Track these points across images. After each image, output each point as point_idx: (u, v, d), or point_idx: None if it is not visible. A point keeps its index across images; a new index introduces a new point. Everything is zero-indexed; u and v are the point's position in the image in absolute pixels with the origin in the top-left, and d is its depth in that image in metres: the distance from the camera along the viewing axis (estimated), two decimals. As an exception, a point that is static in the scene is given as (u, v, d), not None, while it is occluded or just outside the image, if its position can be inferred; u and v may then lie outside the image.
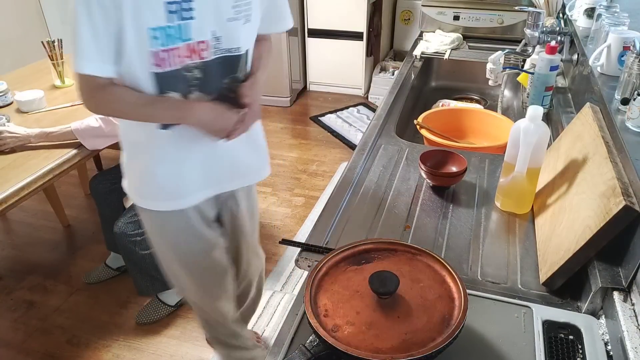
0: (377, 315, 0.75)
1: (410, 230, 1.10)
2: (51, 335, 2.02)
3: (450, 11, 2.37)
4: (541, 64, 1.51)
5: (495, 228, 1.10)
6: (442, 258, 0.83)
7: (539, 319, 0.83)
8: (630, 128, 1.03)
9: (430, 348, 0.69)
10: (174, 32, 0.97)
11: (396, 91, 1.86)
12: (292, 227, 2.59)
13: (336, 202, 1.19)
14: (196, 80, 1.05)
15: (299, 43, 3.85)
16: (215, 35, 1.02)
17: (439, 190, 1.23)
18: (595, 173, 0.94)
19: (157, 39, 0.96)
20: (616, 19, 1.42)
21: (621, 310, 0.78)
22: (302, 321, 0.84)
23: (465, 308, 0.74)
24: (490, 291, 0.91)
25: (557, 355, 0.78)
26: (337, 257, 0.85)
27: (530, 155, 1.03)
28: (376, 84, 3.92)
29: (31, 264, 2.39)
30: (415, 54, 2.21)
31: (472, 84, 2.16)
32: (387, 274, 0.77)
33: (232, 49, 1.06)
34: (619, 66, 1.27)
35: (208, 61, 1.04)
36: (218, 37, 1.03)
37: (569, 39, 1.79)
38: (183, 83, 1.04)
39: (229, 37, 1.04)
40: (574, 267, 0.88)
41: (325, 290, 0.79)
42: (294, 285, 2.22)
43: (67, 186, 2.94)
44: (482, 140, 1.63)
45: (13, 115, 1.99)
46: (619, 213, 0.80)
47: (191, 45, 1.00)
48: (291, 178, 3.02)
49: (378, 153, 1.42)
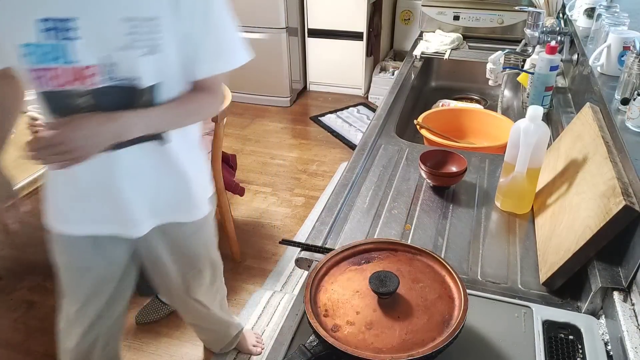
0: (377, 315, 0.75)
1: (410, 230, 1.10)
2: (51, 335, 2.00)
3: (450, 11, 2.37)
4: (541, 64, 1.51)
5: (495, 228, 1.10)
6: (442, 258, 0.83)
7: (539, 319, 0.83)
8: (630, 128, 1.03)
9: (430, 348, 0.69)
10: (50, 50, 0.86)
11: (396, 91, 1.86)
12: (292, 227, 2.59)
13: (336, 202, 1.20)
14: (90, 107, 0.92)
15: (299, 43, 3.85)
16: (108, 61, 0.89)
17: (439, 190, 1.23)
18: (595, 173, 0.94)
19: (29, 56, 0.87)
20: (616, 19, 1.42)
21: (621, 310, 0.78)
22: (302, 321, 0.84)
23: (465, 308, 0.74)
24: (490, 291, 0.91)
25: (557, 355, 0.78)
26: (337, 257, 0.85)
27: (530, 155, 1.03)
28: (376, 84, 3.92)
29: (31, 264, 2.39)
30: (415, 54, 2.21)
31: (472, 84, 2.17)
32: (387, 274, 0.77)
33: (129, 78, 0.91)
34: (619, 66, 1.27)
35: (100, 88, 0.91)
36: (112, 64, 0.89)
37: (569, 39, 1.79)
38: (71, 109, 0.92)
39: (125, 66, 0.90)
40: (574, 267, 0.88)
41: (325, 290, 0.80)
42: (294, 285, 2.22)
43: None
44: (482, 140, 1.63)
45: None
46: (619, 213, 0.80)
47: (76, 69, 0.88)
48: (291, 178, 3.02)
49: (378, 153, 1.42)
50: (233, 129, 3.55)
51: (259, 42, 3.60)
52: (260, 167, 3.12)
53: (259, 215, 2.68)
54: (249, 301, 2.12)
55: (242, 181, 2.90)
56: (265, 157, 3.24)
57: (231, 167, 2.31)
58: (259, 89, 3.87)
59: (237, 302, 2.12)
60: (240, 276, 2.26)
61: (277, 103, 3.91)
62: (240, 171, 2.97)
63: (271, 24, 3.54)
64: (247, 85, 3.82)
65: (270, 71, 3.74)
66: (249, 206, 2.74)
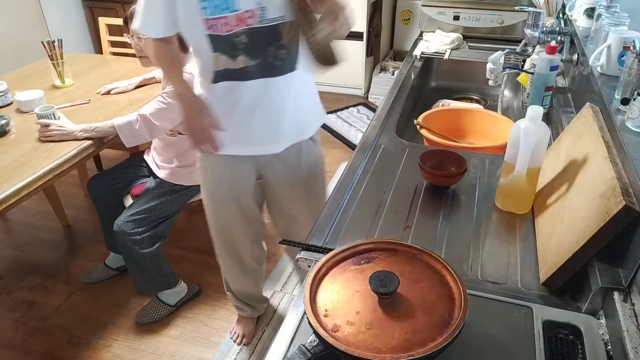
0: (377, 315, 0.75)
1: (410, 230, 1.10)
2: (51, 335, 2.02)
3: (450, 11, 2.37)
4: (541, 64, 1.51)
5: (495, 228, 1.10)
6: (442, 258, 0.83)
7: (539, 319, 0.83)
8: (630, 128, 1.03)
9: (430, 348, 0.69)
10: (221, 2, 1.12)
11: (396, 91, 1.86)
12: (292, 227, 2.59)
13: (336, 202, 1.20)
14: (243, 45, 1.19)
15: (299, 43, 3.84)
16: (260, 5, 1.14)
17: (439, 190, 1.23)
18: (595, 173, 0.94)
19: (206, 9, 1.13)
20: (616, 19, 1.42)
21: (621, 310, 0.78)
22: (302, 321, 0.84)
23: (465, 308, 0.74)
24: (490, 291, 0.91)
25: (557, 355, 0.78)
26: (337, 257, 0.85)
27: (530, 155, 1.03)
28: (376, 84, 3.92)
29: (31, 264, 2.39)
30: (415, 54, 2.21)
31: (472, 84, 2.16)
32: (387, 274, 0.77)
33: (276, 17, 1.16)
34: (619, 66, 1.27)
35: (253, 28, 1.16)
36: (263, 7, 1.14)
37: (569, 39, 1.79)
38: (231, 46, 1.19)
39: (274, 7, 1.15)
40: (574, 267, 0.88)
41: (325, 290, 0.80)
42: (294, 285, 2.22)
43: (67, 186, 2.94)
44: (482, 140, 1.63)
45: (13, 115, 1.99)
46: (619, 213, 0.80)
47: (239, 15, 1.14)
48: (291, 178, 3.02)
49: (378, 153, 1.42)
50: (233, 129, 3.54)
51: (259, 42, 3.59)
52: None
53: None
54: (249, 301, 2.11)
55: (242, 181, 2.89)
56: (265, 157, 3.24)
57: (231, 167, 2.31)
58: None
59: (237, 302, 2.12)
60: (240, 276, 2.26)
61: (277, 103, 3.91)
62: (240, 171, 2.96)
63: (271, 24, 3.53)
64: (247, 85, 3.81)
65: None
66: (249, 206, 2.74)
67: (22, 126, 1.92)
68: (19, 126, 1.92)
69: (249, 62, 1.22)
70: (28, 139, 1.82)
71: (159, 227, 1.95)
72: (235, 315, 2.00)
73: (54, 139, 1.80)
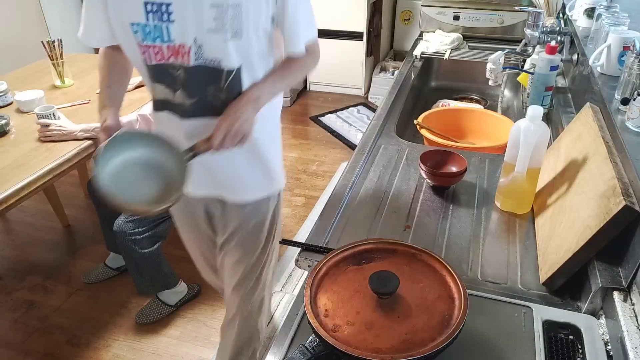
0: (377, 315, 0.75)
1: (410, 230, 1.10)
2: (51, 335, 2.02)
3: (450, 11, 2.37)
4: (541, 64, 1.51)
5: (495, 228, 1.10)
6: (442, 258, 0.83)
7: (539, 319, 0.83)
8: (630, 128, 1.03)
9: (430, 348, 0.69)
10: (152, 30, 1.01)
11: (396, 91, 1.86)
12: (292, 227, 2.59)
13: (336, 202, 1.19)
14: (181, 80, 1.07)
15: (299, 43, 3.84)
16: (197, 43, 1.02)
17: (439, 190, 1.23)
18: (595, 173, 0.94)
19: (137, 34, 1.03)
20: (616, 19, 1.42)
21: (621, 310, 0.78)
22: (302, 321, 0.84)
23: (465, 308, 0.74)
24: (490, 291, 0.91)
25: (557, 355, 0.78)
26: (337, 257, 0.85)
27: (530, 155, 1.03)
28: (376, 84, 3.92)
29: (31, 264, 2.39)
30: (415, 54, 2.21)
31: (472, 84, 2.16)
32: (387, 274, 0.77)
33: (213, 60, 1.04)
34: (619, 66, 1.27)
35: (189, 66, 1.04)
36: (200, 45, 1.02)
37: (569, 39, 1.79)
38: (169, 77, 1.08)
39: (210, 48, 1.03)
40: (574, 267, 0.88)
41: (325, 290, 0.79)
42: (294, 285, 2.22)
43: (67, 186, 2.94)
44: (482, 140, 1.63)
45: (13, 115, 1.99)
46: (619, 213, 0.80)
47: (172, 47, 1.03)
48: (291, 178, 3.02)
49: (378, 153, 1.42)
50: (233, 129, 3.54)
51: (259, 42, 3.59)
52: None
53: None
54: (249, 301, 2.12)
55: (242, 181, 2.90)
56: (265, 157, 3.24)
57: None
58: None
59: (237, 302, 2.12)
60: (240, 276, 2.26)
61: (277, 103, 3.91)
62: (240, 171, 2.97)
63: (271, 24, 3.54)
64: (247, 85, 3.82)
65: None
66: (249, 206, 2.74)
67: (22, 126, 1.92)
68: (19, 126, 1.92)
69: (186, 100, 1.10)
70: (28, 139, 1.82)
71: (159, 227, 1.95)
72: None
73: (54, 139, 1.80)
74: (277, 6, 1.05)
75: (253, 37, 1.05)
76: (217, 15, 0.99)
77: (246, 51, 1.06)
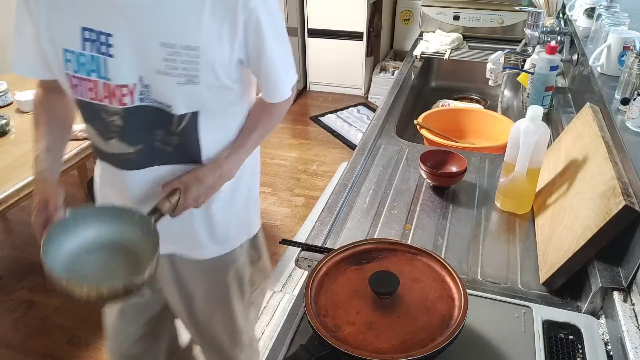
0: (377, 315, 0.75)
1: (410, 230, 1.10)
2: (51, 335, 2.02)
3: (450, 11, 2.37)
4: (541, 64, 1.51)
5: (495, 228, 1.10)
6: (442, 258, 0.83)
7: (539, 319, 0.83)
8: (630, 128, 1.03)
9: (430, 348, 0.69)
10: (87, 62, 0.85)
11: (396, 91, 1.86)
12: (292, 227, 2.59)
13: (336, 202, 1.19)
14: (116, 128, 0.90)
15: (299, 43, 3.85)
16: (143, 82, 0.86)
17: (439, 190, 1.23)
18: (595, 173, 0.94)
19: (70, 62, 0.86)
20: (616, 19, 1.42)
21: (621, 310, 0.78)
22: (302, 321, 0.84)
23: (465, 308, 0.74)
24: (490, 291, 0.91)
25: (557, 355, 0.78)
26: (337, 257, 0.85)
27: (530, 155, 1.03)
28: (376, 84, 3.92)
29: (31, 264, 2.39)
30: (415, 54, 2.21)
31: (472, 84, 2.16)
32: (387, 274, 0.77)
33: (162, 103, 0.88)
34: (619, 66, 1.27)
35: (131, 108, 0.88)
36: (147, 85, 0.86)
37: (569, 39, 1.79)
38: (102, 125, 0.91)
39: (159, 91, 0.87)
40: (574, 267, 0.88)
41: (325, 290, 0.79)
42: (294, 285, 2.22)
43: (67, 186, 2.92)
44: (482, 140, 1.63)
45: (13, 115, 1.99)
46: (619, 213, 0.80)
47: (110, 87, 0.86)
48: (291, 178, 3.02)
49: (378, 153, 1.42)
50: (233, 129, 3.55)
51: (259, 42, 3.60)
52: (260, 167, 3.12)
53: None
54: (249, 301, 2.11)
55: (242, 181, 2.90)
56: (265, 157, 3.24)
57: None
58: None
59: (237, 302, 2.12)
60: (240, 276, 2.26)
61: (277, 103, 3.91)
62: (240, 171, 2.97)
63: (271, 24, 3.54)
64: (247, 85, 3.82)
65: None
66: (249, 206, 2.74)
67: (22, 126, 1.92)
68: (19, 126, 1.92)
69: (125, 149, 0.92)
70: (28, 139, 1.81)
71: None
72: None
73: None
74: (248, 51, 0.89)
75: (213, 84, 0.89)
76: (168, 57, 0.83)
77: (204, 99, 0.90)
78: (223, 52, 0.87)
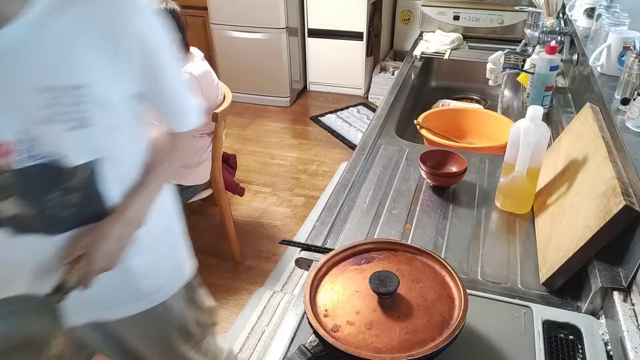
0: (377, 315, 0.75)
1: (410, 230, 1.10)
2: (51, 335, 2.01)
3: (450, 11, 2.37)
4: (541, 64, 1.51)
5: (495, 228, 1.10)
6: (442, 258, 0.83)
7: (539, 319, 0.83)
8: (630, 128, 1.03)
9: (430, 348, 0.69)
10: None
11: (396, 91, 1.86)
12: (292, 227, 2.59)
13: (336, 202, 1.19)
14: (9, 188, 0.78)
15: (299, 43, 3.84)
16: (26, 137, 0.74)
17: (439, 190, 1.23)
18: (595, 173, 0.94)
19: None
20: (616, 19, 1.42)
21: (621, 310, 0.78)
22: (302, 321, 0.84)
23: (465, 308, 0.74)
24: (490, 291, 0.91)
25: (557, 355, 0.78)
26: (337, 257, 0.85)
27: (530, 155, 1.03)
28: (376, 84, 3.91)
29: None
30: (415, 54, 2.21)
31: (472, 84, 2.16)
32: (387, 274, 0.77)
33: (53, 156, 0.77)
34: (619, 66, 1.27)
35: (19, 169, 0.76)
36: (32, 139, 0.74)
37: (569, 39, 1.79)
38: None
39: (47, 143, 0.75)
40: (574, 267, 0.88)
41: (325, 291, 0.80)
42: (294, 285, 2.22)
43: None
44: (482, 140, 1.63)
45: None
46: (619, 213, 0.80)
47: None
48: (291, 178, 3.02)
49: (378, 153, 1.42)
50: (233, 129, 3.54)
51: (259, 42, 3.59)
52: (260, 167, 3.12)
53: (259, 215, 2.68)
54: (249, 301, 2.12)
55: (242, 181, 2.90)
56: (266, 157, 3.24)
57: (231, 167, 2.31)
58: (259, 89, 3.87)
59: (237, 303, 2.12)
60: (240, 276, 2.26)
61: (277, 103, 3.91)
62: (240, 171, 2.97)
63: (271, 24, 3.54)
64: (247, 85, 3.82)
65: (270, 71, 3.74)
66: (249, 206, 2.74)
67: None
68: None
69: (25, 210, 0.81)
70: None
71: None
72: (235, 315, 2.00)
73: None
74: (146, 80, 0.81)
75: (109, 124, 0.80)
76: (51, 102, 0.72)
77: (100, 142, 0.80)
78: (116, 85, 0.77)
